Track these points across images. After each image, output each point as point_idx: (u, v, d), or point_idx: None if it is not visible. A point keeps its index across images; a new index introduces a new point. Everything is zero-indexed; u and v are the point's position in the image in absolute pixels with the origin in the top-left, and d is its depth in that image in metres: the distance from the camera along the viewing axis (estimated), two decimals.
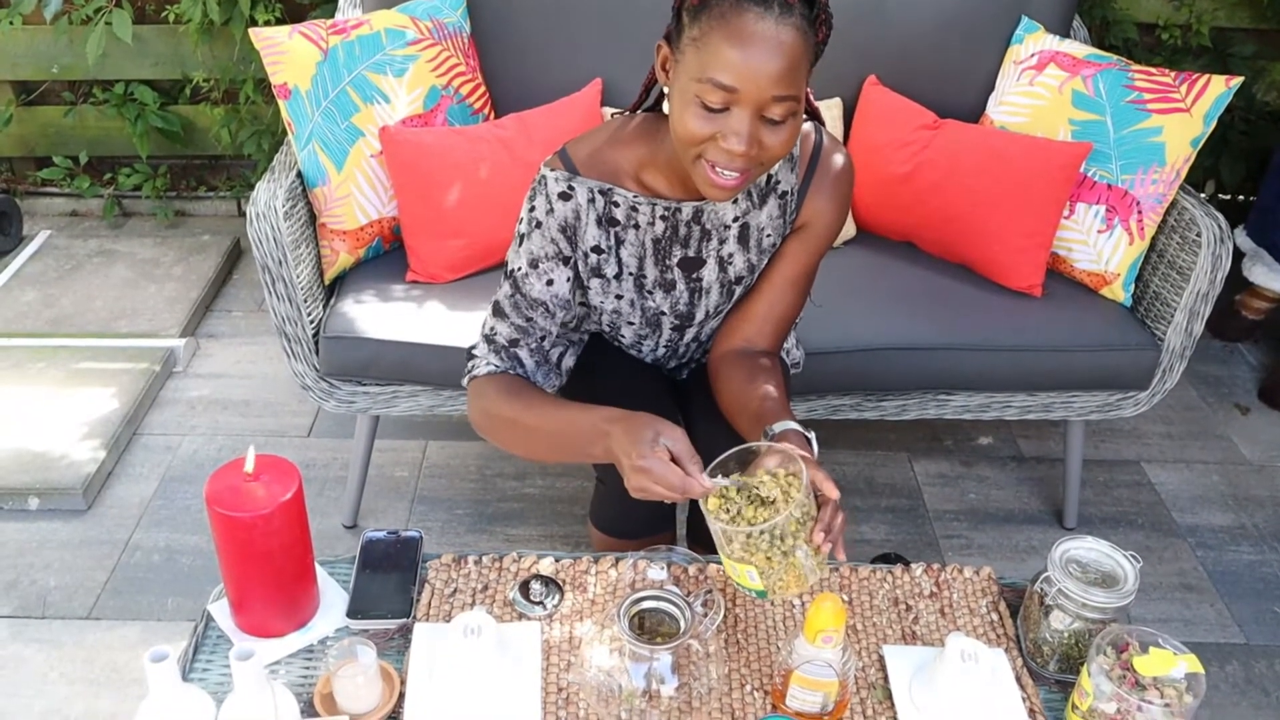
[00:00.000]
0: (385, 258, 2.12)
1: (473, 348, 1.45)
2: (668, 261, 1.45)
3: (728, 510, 1.17)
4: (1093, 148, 2.02)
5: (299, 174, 1.97)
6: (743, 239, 1.44)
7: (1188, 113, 1.97)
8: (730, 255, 1.45)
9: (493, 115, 2.22)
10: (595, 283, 1.46)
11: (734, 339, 1.49)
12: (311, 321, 1.95)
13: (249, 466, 1.23)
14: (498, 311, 1.41)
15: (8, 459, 2.28)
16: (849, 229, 2.24)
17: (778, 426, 1.29)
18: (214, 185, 3.29)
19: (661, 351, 1.60)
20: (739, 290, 1.50)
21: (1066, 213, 2.07)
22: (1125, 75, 2.03)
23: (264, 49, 1.94)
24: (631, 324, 1.53)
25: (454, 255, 2.05)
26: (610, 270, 1.45)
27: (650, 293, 1.48)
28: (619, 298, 1.48)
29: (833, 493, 1.18)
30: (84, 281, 2.92)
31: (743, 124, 1.20)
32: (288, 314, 1.90)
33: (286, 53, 1.94)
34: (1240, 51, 2.84)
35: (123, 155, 3.20)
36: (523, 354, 1.40)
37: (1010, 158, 2.05)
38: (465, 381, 1.43)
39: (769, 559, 1.14)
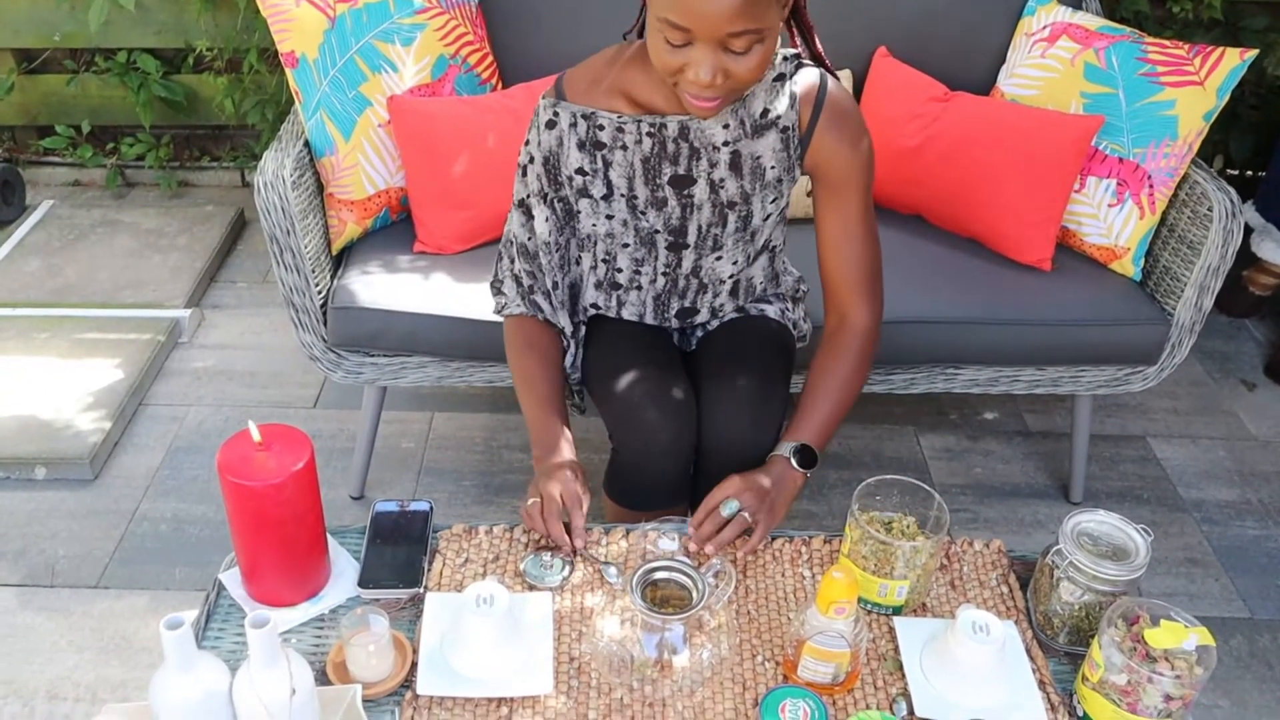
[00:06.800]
0: (393, 228, 2.11)
1: (500, 282, 1.58)
2: (658, 180, 1.47)
3: (866, 542, 1.31)
4: (1104, 121, 2.00)
5: (306, 143, 1.95)
6: (735, 166, 1.46)
7: (1201, 86, 1.95)
8: (722, 180, 1.47)
9: (500, 85, 2.21)
10: (584, 204, 1.50)
11: (831, 317, 1.55)
12: (319, 292, 1.94)
13: (255, 437, 1.23)
14: (520, 251, 1.54)
15: (14, 429, 2.28)
16: None
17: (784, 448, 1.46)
18: (217, 155, 3.28)
19: (661, 281, 1.59)
20: (732, 216, 1.50)
21: (1077, 186, 2.06)
22: (1138, 48, 2.01)
23: (271, 17, 1.92)
24: (626, 245, 1.55)
25: (461, 226, 2.04)
26: (598, 191, 1.48)
27: (643, 213, 1.51)
28: (610, 218, 1.51)
29: None
30: (88, 251, 2.91)
31: (704, 57, 1.24)
32: (295, 284, 1.90)
33: (294, 20, 1.92)
34: (1252, 24, 2.82)
35: (125, 124, 3.19)
36: (539, 298, 1.55)
37: (1021, 131, 2.03)
38: (500, 314, 1.60)
39: (920, 573, 1.31)
